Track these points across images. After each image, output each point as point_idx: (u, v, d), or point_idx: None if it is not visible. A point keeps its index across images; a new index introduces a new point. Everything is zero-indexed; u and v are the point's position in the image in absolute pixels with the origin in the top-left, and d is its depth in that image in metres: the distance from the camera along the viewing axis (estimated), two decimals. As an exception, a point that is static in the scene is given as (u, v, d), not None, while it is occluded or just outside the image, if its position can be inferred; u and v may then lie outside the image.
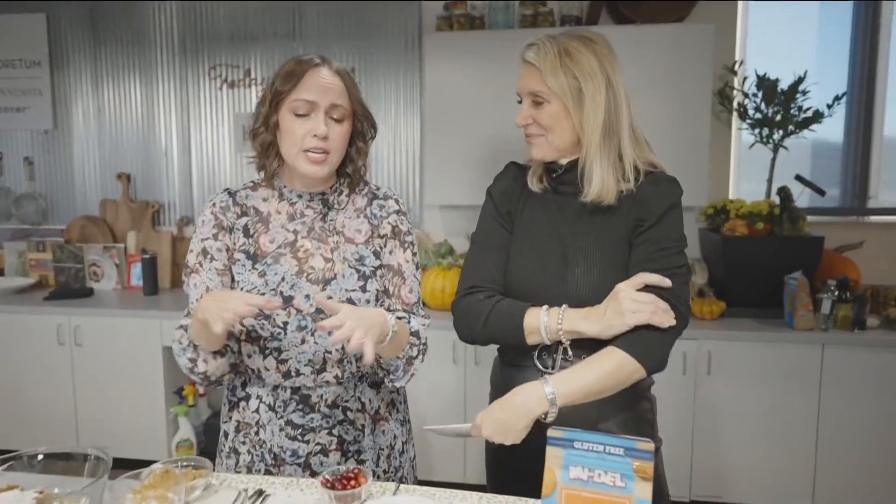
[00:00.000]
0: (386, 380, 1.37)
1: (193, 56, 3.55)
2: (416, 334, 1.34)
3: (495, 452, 1.47)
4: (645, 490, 0.90)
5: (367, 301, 1.35)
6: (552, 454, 0.96)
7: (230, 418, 1.40)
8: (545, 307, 1.29)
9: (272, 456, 1.36)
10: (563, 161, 1.37)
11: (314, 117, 1.29)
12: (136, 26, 3.57)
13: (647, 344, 1.19)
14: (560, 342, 1.28)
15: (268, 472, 1.36)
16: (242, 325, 1.32)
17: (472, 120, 2.99)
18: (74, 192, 3.74)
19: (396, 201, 1.45)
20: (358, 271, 1.35)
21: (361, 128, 1.38)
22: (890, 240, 3.13)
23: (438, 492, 1.20)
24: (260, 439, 1.36)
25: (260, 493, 1.21)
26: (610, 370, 1.19)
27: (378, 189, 1.47)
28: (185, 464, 1.23)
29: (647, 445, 0.91)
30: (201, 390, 3.24)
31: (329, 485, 1.15)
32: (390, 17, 3.36)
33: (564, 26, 3.04)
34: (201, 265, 1.34)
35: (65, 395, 3.14)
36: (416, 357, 1.35)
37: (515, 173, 1.47)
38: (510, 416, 1.19)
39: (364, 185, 1.45)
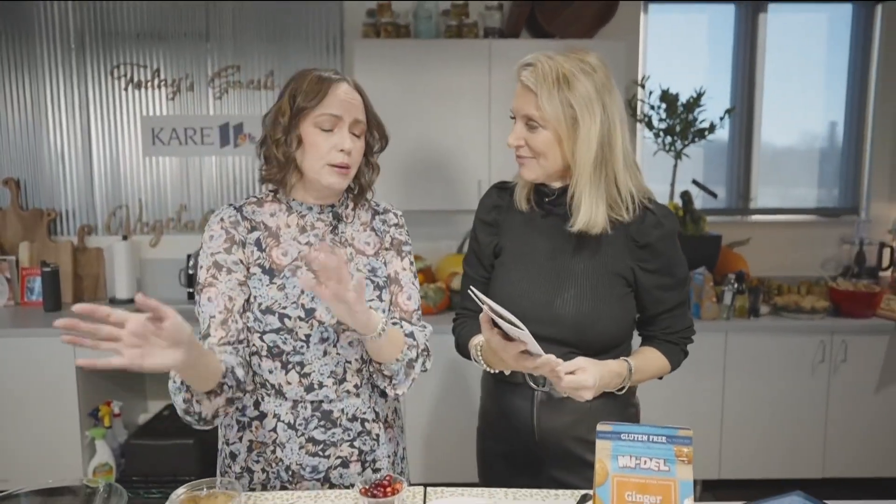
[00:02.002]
0: (388, 388, 1.37)
1: (93, 54, 3.32)
2: (411, 335, 1.36)
3: (487, 459, 1.56)
4: (687, 472, 1.02)
5: (384, 310, 1.37)
6: (601, 447, 1.05)
7: (240, 439, 1.37)
8: (476, 341, 1.40)
9: (289, 473, 1.35)
10: (556, 185, 1.39)
11: (338, 132, 1.30)
12: (17, 21, 3.28)
13: (677, 359, 1.47)
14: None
15: (283, 489, 1.35)
16: (262, 341, 1.31)
17: (399, 127, 3.03)
18: (-47, 200, 3.38)
19: (395, 214, 1.49)
20: (373, 282, 1.38)
21: (372, 142, 1.41)
22: (770, 236, 3.55)
23: (470, 490, 1.26)
24: (276, 457, 1.34)
25: (290, 508, 1.21)
26: (660, 367, 1.43)
27: (378, 204, 1.49)
28: (208, 486, 1.21)
29: (687, 432, 1.04)
30: (116, 410, 3.05)
31: (369, 493, 1.18)
32: (310, 20, 3.33)
33: (488, 38, 3.17)
34: (216, 278, 1.29)
35: (-42, 425, 2.84)
36: (417, 360, 1.36)
37: (496, 198, 1.49)
38: (609, 380, 1.30)
39: (364, 200, 1.47)
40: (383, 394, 1.44)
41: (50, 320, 2.97)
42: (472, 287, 1.20)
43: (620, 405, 1.43)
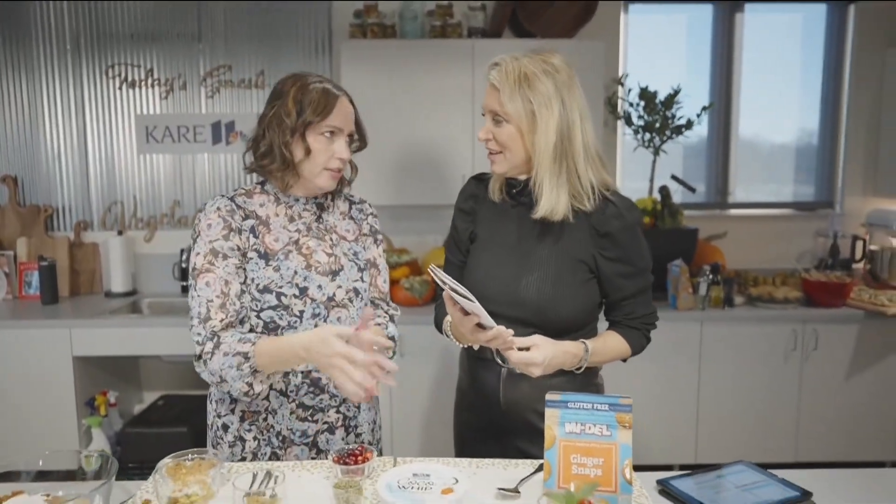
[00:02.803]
0: None
1: (88, 54, 3.41)
2: (392, 338, 1.54)
3: (461, 430, 1.67)
4: (627, 436, 1.12)
5: (366, 290, 1.54)
6: (550, 414, 1.15)
7: (232, 411, 1.48)
8: (448, 318, 1.51)
9: (280, 438, 1.47)
10: (522, 177, 1.51)
11: (337, 141, 1.44)
12: (14, 22, 3.37)
13: (638, 343, 1.56)
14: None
15: (273, 455, 1.47)
16: (259, 318, 1.42)
17: (386, 124, 3.14)
18: (-48, 197, 3.47)
19: (369, 205, 1.66)
20: (356, 264, 1.52)
21: (353, 142, 1.53)
22: (747, 230, 3.65)
23: (438, 461, 1.36)
24: (268, 424, 1.46)
25: (269, 474, 1.31)
26: (619, 351, 1.53)
27: (352, 195, 1.65)
28: (192, 456, 1.30)
29: (627, 400, 1.13)
30: (112, 400, 3.15)
31: (341, 461, 1.28)
32: (300, 21, 3.42)
33: (472, 38, 3.26)
34: (213, 264, 1.39)
35: (-42, 414, 2.94)
36: (392, 357, 1.50)
37: (473, 188, 1.62)
38: (563, 360, 1.40)
39: (339, 192, 1.60)
40: None
41: (47, 313, 3.07)
42: (433, 266, 1.30)
43: (581, 383, 1.53)
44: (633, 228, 1.49)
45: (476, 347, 1.50)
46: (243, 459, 1.48)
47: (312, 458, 1.48)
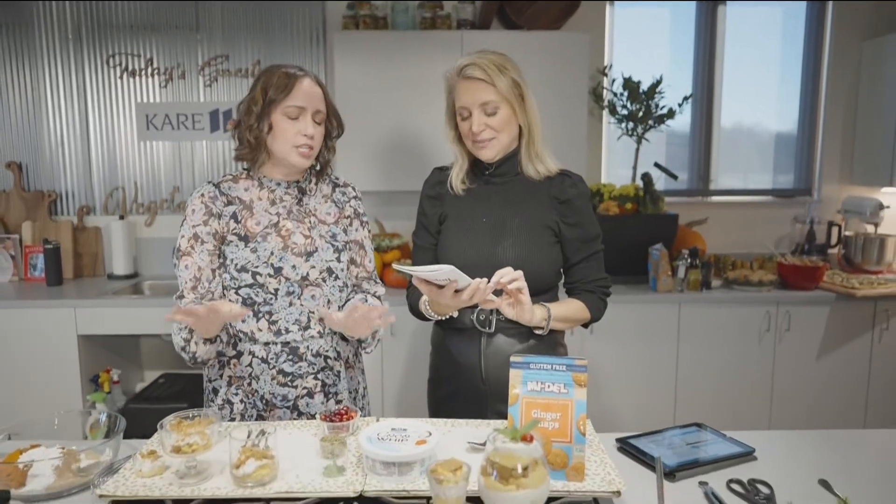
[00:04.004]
0: (359, 348, 1.74)
1: (90, 44, 3.52)
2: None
3: (438, 403, 1.81)
4: (582, 394, 1.25)
5: (342, 270, 1.64)
6: (514, 374, 1.28)
7: (220, 376, 1.61)
8: (423, 298, 1.65)
9: (264, 402, 1.60)
10: (494, 161, 1.66)
11: (302, 120, 1.55)
12: (18, 14, 3.48)
13: (596, 306, 1.70)
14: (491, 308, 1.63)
15: (259, 417, 1.60)
16: (238, 294, 1.54)
17: (378, 113, 3.26)
18: (-41, 182, 3.60)
19: (353, 188, 1.77)
20: (333, 245, 1.64)
21: (331, 128, 1.64)
22: (727, 216, 3.78)
23: (414, 420, 1.49)
24: (252, 389, 1.60)
25: (262, 432, 1.44)
26: (579, 312, 1.66)
27: (337, 179, 1.75)
28: (192, 415, 1.44)
29: (582, 362, 1.26)
30: (115, 377, 3.28)
31: (328, 419, 1.42)
32: (294, 12, 3.54)
33: (461, 29, 3.38)
34: (193, 248, 1.55)
35: (-32, 390, 3.08)
36: (379, 329, 1.66)
37: (438, 176, 1.77)
38: (529, 318, 1.54)
39: (325, 175, 1.71)
40: (344, 338, 1.68)
41: (52, 294, 3.20)
42: (395, 265, 1.45)
43: (551, 346, 1.69)
44: (586, 198, 1.69)
45: (456, 314, 1.64)
46: (232, 420, 1.61)
47: (293, 420, 1.61)
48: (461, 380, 1.71)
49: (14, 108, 3.56)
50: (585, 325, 1.73)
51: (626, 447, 1.49)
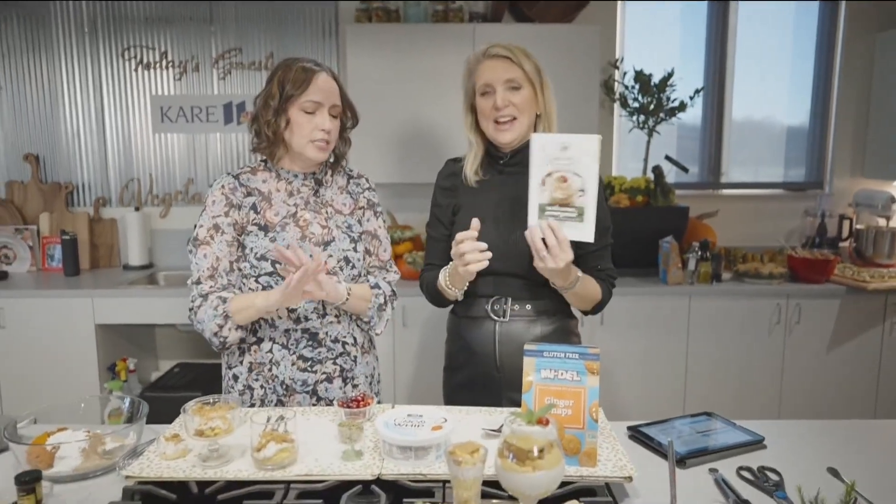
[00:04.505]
0: (368, 329, 1.76)
1: (105, 37, 3.56)
2: (376, 286, 1.70)
3: (452, 391, 1.83)
4: (595, 381, 1.28)
5: (359, 259, 1.69)
6: (527, 362, 1.31)
7: (241, 362, 1.66)
8: (441, 275, 1.66)
9: (284, 387, 1.64)
10: (509, 149, 1.68)
11: (319, 114, 1.59)
12: (34, 7, 3.52)
13: (606, 290, 1.71)
14: (506, 297, 1.66)
15: (279, 402, 1.65)
16: (258, 283, 1.59)
17: (390, 105, 3.28)
18: (-22, 173, 3.66)
19: (367, 180, 1.81)
20: (348, 236, 1.68)
21: (346, 120, 1.68)
22: (738, 209, 3.79)
23: (431, 407, 1.52)
24: (273, 374, 1.64)
25: (281, 417, 1.48)
26: (595, 289, 1.67)
27: (351, 170, 1.79)
28: (213, 400, 1.47)
29: (595, 350, 1.29)
30: (132, 366, 3.34)
31: (345, 405, 1.45)
32: (307, 6, 3.56)
33: (472, 22, 3.39)
34: (212, 238, 1.59)
35: (-12, 377, 3.14)
36: (385, 304, 1.72)
37: (452, 168, 1.79)
38: (571, 272, 1.56)
39: (340, 167, 1.74)
40: (361, 325, 1.72)
41: (70, 284, 3.25)
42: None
43: (564, 335, 1.72)
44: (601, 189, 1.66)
45: (459, 295, 1.67)
46: (252, 405, 1.66)
47: (313, 405, 1.65)
48: (476, 368, 1.73)
49: (31, 100, 3.60)
50: (590, 312, 1.74)
51: (638, 435, 1.51)
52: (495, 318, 1.68)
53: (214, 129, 3.65)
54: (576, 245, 1.62)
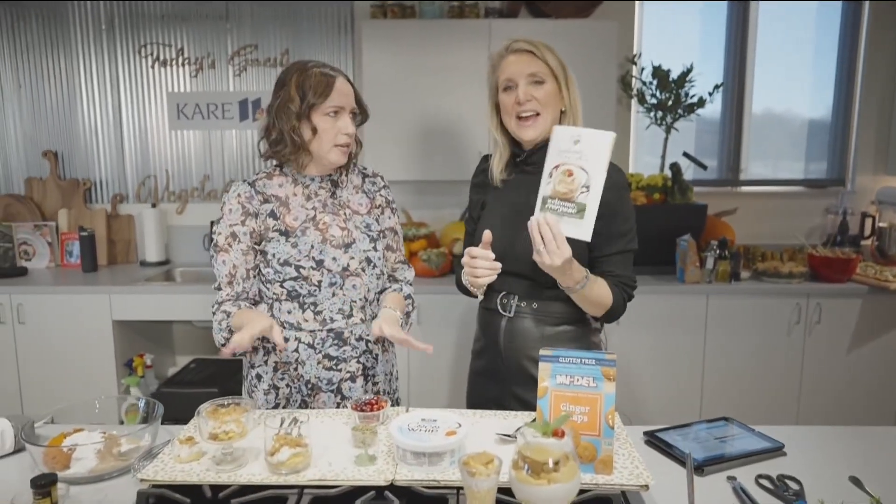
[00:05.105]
0: None
1: (122, 35, 3.58)
2: (409, 297, 1.77)
3: (473, 375, 1.84)
4: (611, 388, 1.26)
5: (379, 258, 1.70)
6: (543, 368, 1.29)
7: (265, 362, 1.67)
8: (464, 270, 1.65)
9: (309, 386, 1.66)
10: (530, 146, 1.65)
11: (341, 118, 1.60)
12: (52, 5, 3.54)
13: (618, 297, 1.62)
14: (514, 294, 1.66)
15: (303, 402, 1.67)
16: (283, 287, 1.61)
17: (406, 102, 3.26)
18: (-3, 170, 3.70)
19: (381, 178, 1.81)
20: (368, 236, 1.69)
21: (357, 121, 1.67)
22: (757, 206, 3.73)
23: (445, 410, 1.51)
24: (298, 374, 1.65)
25: (295, 420, 1.47)
26: (607, 294, 1.59)
27: (365, 169, 1.80)
28: (227, 402, 1.47)
29: (612, 356, 1.27)
30: (149, 362, 3.36)
31: (358, 409, 1.44)
32: (323, 2, 3.54)
33: (488, 18, 3.36)
34: (230, 245, 1.62)
35: (8, 372, 3.17)
36: (412, 311, 1.79)
37: (484, 165, 1.79)
38: (573, 273, 1.50)
39: (353, 166, 1.74)
40: None
41: (88, 280, 3.28)
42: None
43: (575, 340, 1.69)
44: (616, 190, 1.58)
45: (480, 294, 1.69)
46: (277, 406, 1.67)
47: (338, 403, 1.66)
48: (488, 358, 1.76)
49: (50, 98, 3.63)
50: (603, 320, 1.69)
51: (654, 440, 1.49)
52: (503, 312, 1.69)
53: (230, 125, 3.66)
54: (590, 246, 1.59)
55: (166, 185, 3.72)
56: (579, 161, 1.42)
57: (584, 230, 1.42)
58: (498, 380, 1.73)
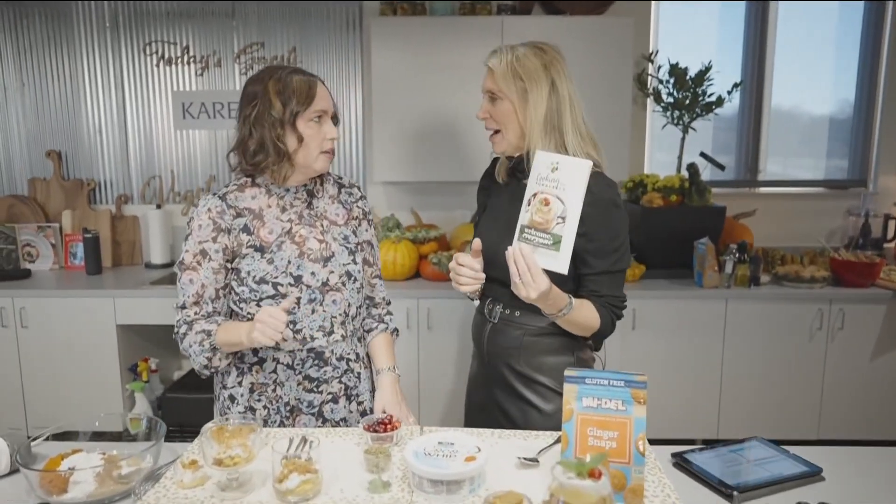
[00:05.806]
0: None
1: (127, 32, 3.50)
2: (395, 332, 1.77)
3: (469, 380, 1.82)
4: (641, 411, 1.18)
5: (359, 272, 1.62)
6: (568, 389, 1.21)
7: (240, 383, 1.58)
8: None
9: (288, 408, 1.57)
10: (516, 154, 1.60)
11: (325, 123, 1.52)
12: (56, 2, 3.47)
13: (605, 319, 1.55)
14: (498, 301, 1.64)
15: (282, 424, 1.58)
16: (259, 306, 1.51)
17: (415, 101, 3.18)
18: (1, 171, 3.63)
19: (359, 188, 1.74)
20: (346, 248, 1.60)
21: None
22: (776, 208, 3.64)
23: (462, 431, 1.44)
24: (277, 395, 1.57)
25: (304, 439, 1.40)
26: (591, 317, 1.53)
27: (341, 178, 1.72)
28: (233, 421, 1.40)
29: (642, 378, 1.19)
30: (153, 366, 3.30)
31: (371, 430, 1.37)
32: (331, 0, 3.46)
33: (501, 15, 3.27)
34: (199, 264, 1.51)
35: (11, 376, 3.11)
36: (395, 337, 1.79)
37: (490, 168, 1.77)
38: (554, 301, 1.44)
39: (328, 174, 1.67)
40: (360, 338, 1.68)
41: (92, 282, 3.22)
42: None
43: (558, 352, 1.62)
44: (602, 206, 1.50)
45: (476, 300, 1.73)
46: None
47: (318, 427, 1.58)
48: (477, 363, 1.77)
49: (53, 97, 3.57)
50: (592, 340, 1.65)
51: (683, 463, 1.41)
52: (488, 318, 1.68)
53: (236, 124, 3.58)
54: (575, 263, 1.51)
55: (171, 186, 3.65)
56: (556, 190, 1.38)
57: (560, 263, 1.37)
58: (483, 386, 1.73)
